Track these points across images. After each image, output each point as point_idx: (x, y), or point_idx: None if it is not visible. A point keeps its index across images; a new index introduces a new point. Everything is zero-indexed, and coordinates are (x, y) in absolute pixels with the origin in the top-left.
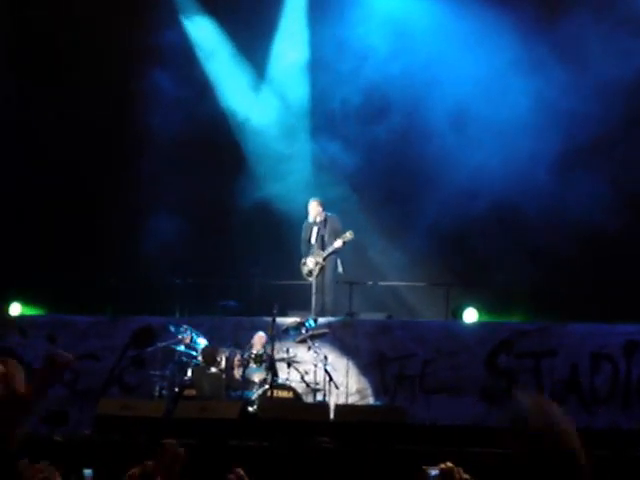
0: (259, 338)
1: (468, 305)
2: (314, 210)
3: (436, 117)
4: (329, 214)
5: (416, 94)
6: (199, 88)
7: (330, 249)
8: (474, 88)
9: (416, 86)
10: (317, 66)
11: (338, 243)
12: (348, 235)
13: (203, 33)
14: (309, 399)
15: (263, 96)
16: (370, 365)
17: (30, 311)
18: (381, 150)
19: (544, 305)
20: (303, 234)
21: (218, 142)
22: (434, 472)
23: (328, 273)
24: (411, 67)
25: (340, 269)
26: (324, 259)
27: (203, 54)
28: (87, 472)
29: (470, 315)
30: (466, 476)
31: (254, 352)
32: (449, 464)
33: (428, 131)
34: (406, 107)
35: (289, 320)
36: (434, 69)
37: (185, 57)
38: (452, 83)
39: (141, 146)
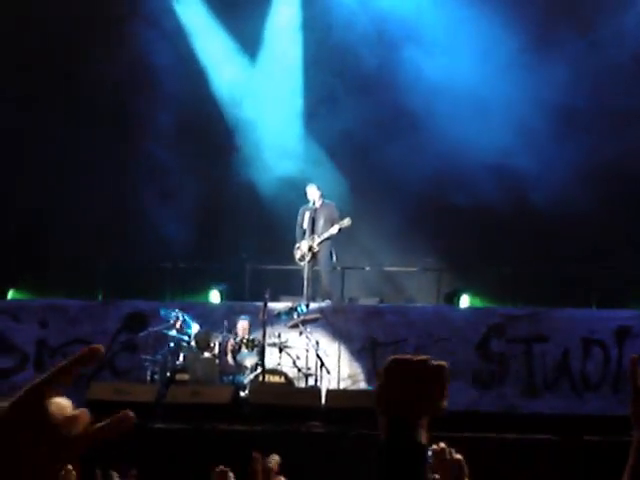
0: (242, 326)
1: (461, 290)
2: (313, 194)
3: (428, 93)
4: (326, 201)
5: (411, 70)
6: (187, 70)
7: (325, 235)
8: (470, 57)
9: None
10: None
11: (334, 229)
12: (345, 222)
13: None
14: (301, 384)
15: (254, 77)
16: (362, 350)
17: (22, 296)
18: (373, 131)
19: (536, 290)
20: (299, 219)
21: (209, 126)
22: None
23: (322, 259)
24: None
25: (334, 257)
26: (318, 244)
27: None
28: None
29: (463, 301)
30: (458, 456)
31: (244, 337)
32: (442, 444)
33: (422, 109)
34: (399, 85)
35: (281, 305)
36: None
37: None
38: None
39: (132, 130)
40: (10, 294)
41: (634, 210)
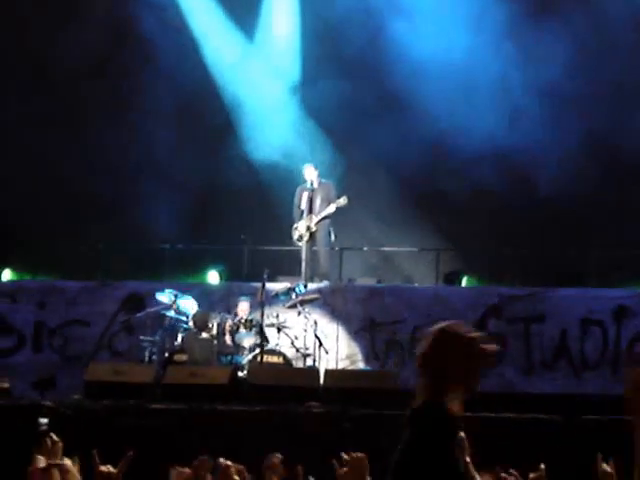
0: (242, 307)
1: (462, 272)
2: (310, 174)
3: (428, 78)
4: (323, 180)
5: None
6: (183, 50)
7: (323, 214)
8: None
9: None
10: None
11: (331, 208)
12: (342, 201)
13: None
14: (299, 364)
15: (251, 56)
16: (360, 330)
17: (20, 277)
18: (370, 112)
19: (534, 270)
20: (295, 199)
21: (206, 106)
22: None
23: (320, 239)
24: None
25: (332, 237)
26: (316, 224)
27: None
28: (42, 421)
29: (465, 282)
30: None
31: (243, 317)
32: None
33: (419, 93)
34: (398, 68)
35: (279, 285)
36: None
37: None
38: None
39: (129, 114)
40: (7, 275)
41: (632, 189)
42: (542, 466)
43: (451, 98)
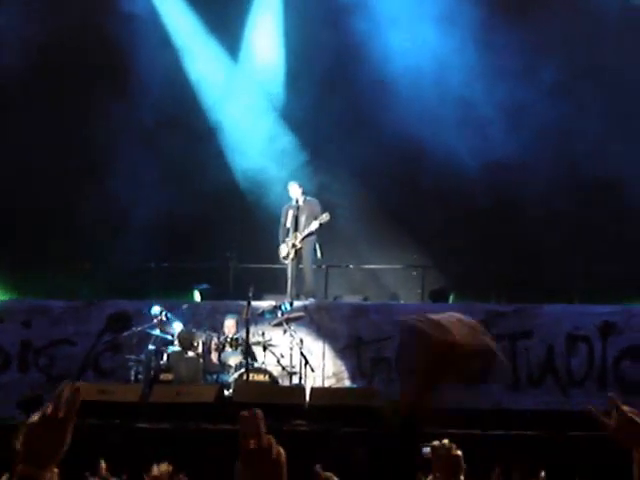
0: (228, 325)
1: (450, 291)
2: (295, 192)
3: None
4: (308, 198)
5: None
6: (166, 67)
7: (306, 231)
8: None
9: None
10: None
11: (314, 225)
12: (324, 217)
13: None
14: (285, 382)
15: (237, 76)
16: (346, 348)
17: (5, 296)
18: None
19: (519, 286)
20: (282, 218)
21: (190, 127)
22: (426, 450)
23: (306, 256)
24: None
25: (318, 254)
26: (300, 241)
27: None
28: None
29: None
30: (457, 452)
31: (229, 336)
32: (445, 441)
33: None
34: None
35: (265, 304)
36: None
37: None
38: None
39: (115, 129)
40: None
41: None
42: (542, 474)
43: (433, 114)
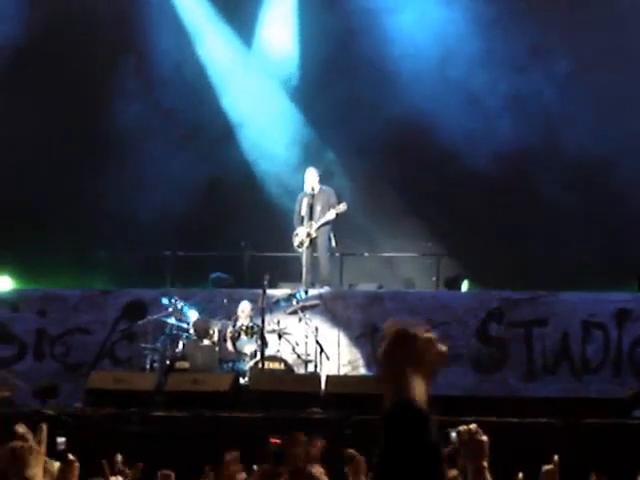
0: (243, 309)
1: (464, 277)
2: (311, 179)
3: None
4: (324, 187)
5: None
6: (183, 56)
7: (322, 220)
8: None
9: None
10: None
11: (331, 214)
12: (341, 207)
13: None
14: (300, 370)
15: (250, 67)
16: (361, 336)
17: (21, 285)
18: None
19: (535, 273)
20: (296, 206)
21: (205, 117)
22: (453, 434)
23: (321, 245)
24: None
25: (333, 243)
26: (316, 230)
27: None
28: (60, 440)
29: (466, 286)
30: (483, 437)
31: (244, 323)
32: (472, 426)
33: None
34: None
35: (280, 292)
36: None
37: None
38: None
39: (130, 119)
40: (8, 283)
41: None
42: (555, 457)
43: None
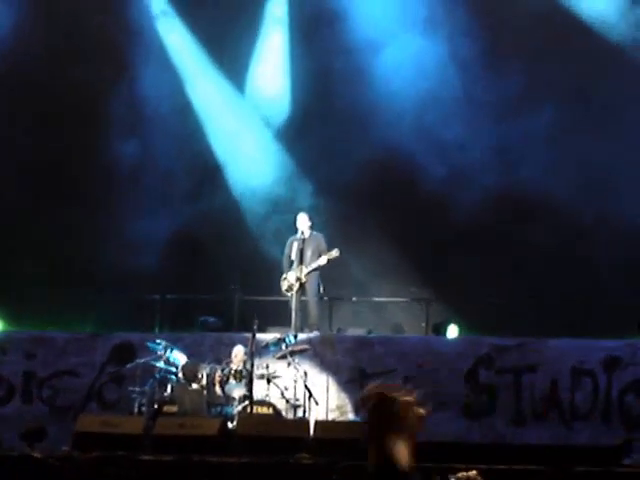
0: (236, 353)
1: (450, 321)
2: (303, 224)
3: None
4: (314, 232)
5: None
6: (170, 94)
7: (314, 265)
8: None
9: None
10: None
11: (323, 260)
12: (334, 253)
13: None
14: (289, 415)
15: (243, 114)
16: (350, 381)
17: (8, 327)
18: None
19: (524, 320)
20: (286, 250)
21: (193, 157)
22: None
23: (310, 289)
24: None
25: (321, 289)
26: (306, 275)
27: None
28: None
29: (452, 331)
30: None
31: (233, 368)
32: (472, 473)
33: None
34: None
35: (269, 336)
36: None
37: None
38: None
39: (117, 157)
40: None
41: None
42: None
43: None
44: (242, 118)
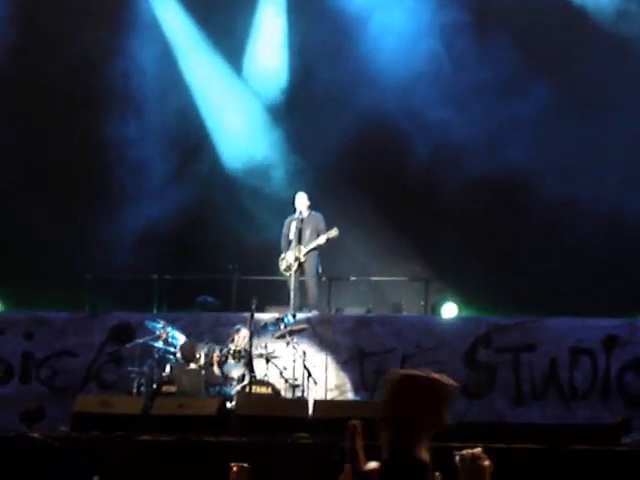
0: (242, 335)
1: (446, 299)
2: (302, 203)
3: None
4: (313, 212)
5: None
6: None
7: (312, 245)
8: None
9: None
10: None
11: (322, 239)
12: (333, 232)
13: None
14: (288, 395)
15: (238, 92)
16: (349, 360)
17: (7, 308)
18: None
19: (523, 299)
20: (284, 229)
21: (194, 137)
22: (457, 456)
23: (309, 269)
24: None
25: (319, 269)
26: (305, 255)
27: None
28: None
29: (450, 310)
30: (485, 462)
31: (233, 348)
32: (477, 450)
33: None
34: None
35: (267, 316)
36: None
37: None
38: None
39: (115, 139)
40: None
41: None
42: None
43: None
44: (238, 95)
